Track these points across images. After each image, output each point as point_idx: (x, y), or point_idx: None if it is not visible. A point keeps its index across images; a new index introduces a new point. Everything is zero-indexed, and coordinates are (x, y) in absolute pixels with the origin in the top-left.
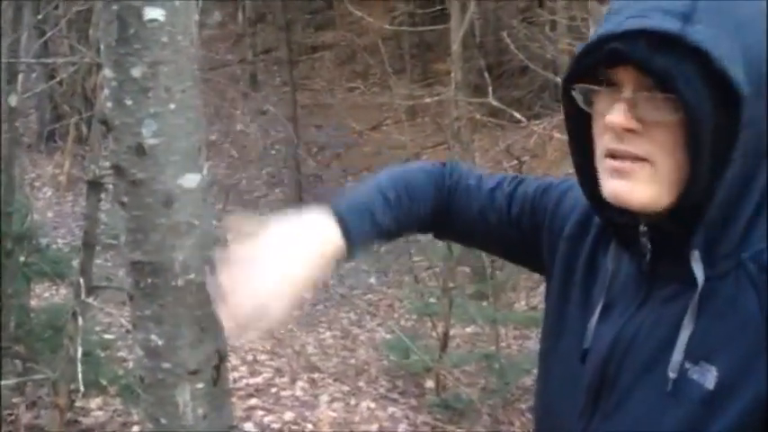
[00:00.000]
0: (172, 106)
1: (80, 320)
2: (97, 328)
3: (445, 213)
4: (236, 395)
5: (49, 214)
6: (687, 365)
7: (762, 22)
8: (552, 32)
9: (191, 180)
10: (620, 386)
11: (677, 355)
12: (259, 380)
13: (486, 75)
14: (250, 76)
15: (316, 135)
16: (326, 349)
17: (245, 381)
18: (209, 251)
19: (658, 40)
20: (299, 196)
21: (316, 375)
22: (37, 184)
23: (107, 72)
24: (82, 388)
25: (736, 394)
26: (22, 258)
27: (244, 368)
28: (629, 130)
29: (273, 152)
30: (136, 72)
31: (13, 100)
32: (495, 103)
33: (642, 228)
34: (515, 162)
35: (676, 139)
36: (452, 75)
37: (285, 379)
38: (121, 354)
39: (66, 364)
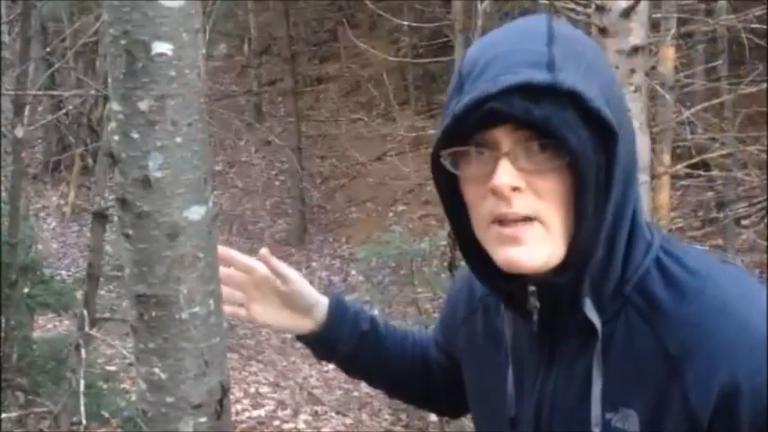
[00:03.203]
0: (178, 139)
1: (83, 352)
2: (100, 360)
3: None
4: (238, 428)
5: (54, 245)
6: (608, 416)
7: (602, 62)
8: None
9: (196, 212)
10: None
11: (595, 409)
12: (262, 413)
13: None
14: (255, 106)
15: (320, 166)
16: (329, 381)
17: (247, 414)
18: (214, 284)
19: (533, 92)
20: (304, 227)
21: (318, 408)
22: (42, 214)
23: (114, 105)
24: (84, 420)
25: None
26: (25, 289)
27: (246, 401)
28: (516, 189)
29: (278, 183)
30: (143, 105)
31: (19, 131)
32: None
33: (531, 288)
34: None
35: (561, 188)
36: None
37: (288, 412)
38: (124, 386)
39: (68, 397)
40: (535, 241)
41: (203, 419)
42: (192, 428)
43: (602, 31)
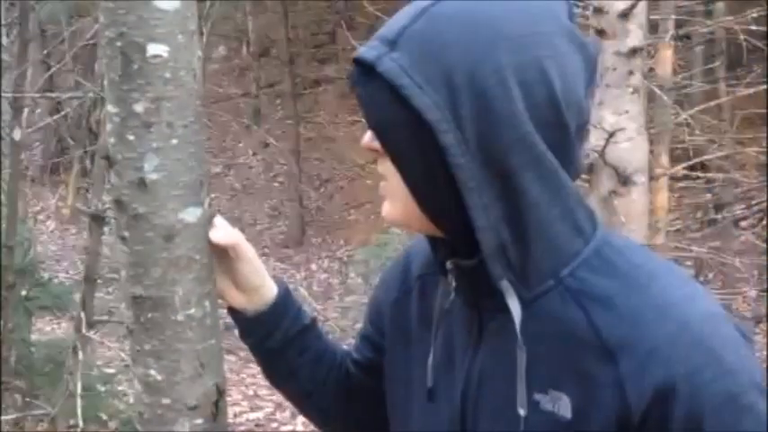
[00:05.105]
0: (174, 141)
1: (80, 355)
2: (98, 362)
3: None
4: (236, 430)
5: (52, 247)
6: (537, 396)
7: (467, 43)
8: None
9: (192, 214)
10: None
11: (521, 389)
12: (260, 415)
13: None
14: (253, 109)
15: (318, 168)
16: None
17: (245, 416)
18: (210, 286)
19: (362, 69)
20: (302, 229)
21: None
22: (40, 217)
23: (110, 107)
24: (81, 423)
25: (592, 419)
26: (23, 292)
27: (245, 403)
28: (374, 150)
29: (276, 185)
30: (138, 107)
31: (17, 134)
32: None
33: (448, 264)
34: None
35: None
36: None
37: (286, 414)
38: (122, 388)
39: (65, 399)
40: (387, 196)
41: (199, 421)
42: (187, 430)
43: (600, 32)
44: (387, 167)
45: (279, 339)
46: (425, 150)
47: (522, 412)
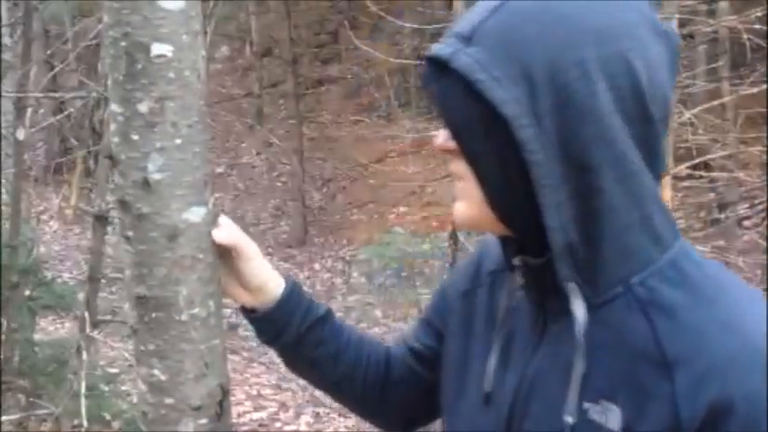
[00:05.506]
0: (178, 141)
1: (84, 354)
2: (101, 362)
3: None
4: (240, 430)
5: (56, 247)
6: (586, 405)
7: (548, 36)
8: None
9: (196, 214)
10: None
11: (572, 396)
12: (263, 415)
13: None
14: (256, 109)
15: (321, 168)
16: None
17: (249, 416)
18: (214, 286)
19: (436, 66)
20: (305, 229)
21: (320, 410)
22: (44, 217)
23: (114, 107)
24: (85, 423)
25: None
26: (27, 292)
27: (248, 403)
28: (448, 150)
29: (279, 185)
30: (142, 107)
31: (20, 134)
32: None
33: (515, 262)
34: None
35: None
36: None
37: (290, 414)
38: (125, 388)
39: (69, 399)
40: (461, 197)
41: (203, 421)
42: (192, 430)
43: None
44: (460, 167)
45: (292, 334)
46: (500, 147)
47: (569, 420)
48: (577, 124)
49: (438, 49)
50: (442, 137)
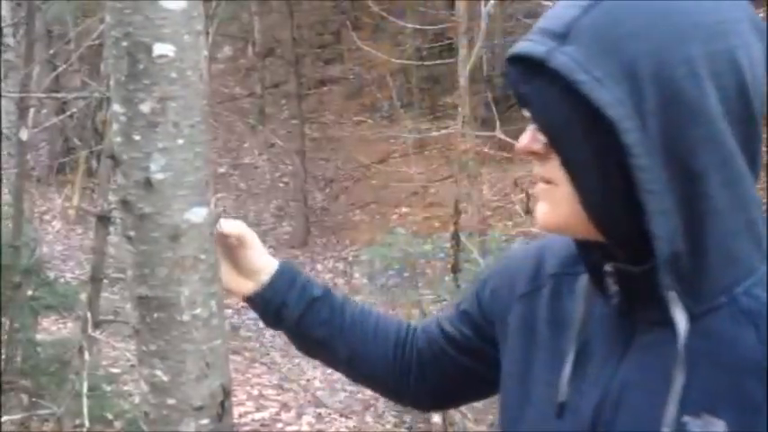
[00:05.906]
0: (180, 141)
1: (86, 355)
2: (104, 362)
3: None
4: (242, 430)
5: (58, 247)
6: (686, 419)
7: (652, 33)
8: None
9: (198, 214)
10: None
11: (672, 408)
12: (265, 415)
13: (494, 108)
14: (259, 109)
15: (323, 168)
16: (333, 384)
17: (251, 416)
18: (215, 286)
19: (527, 65)
20: (307, 229)
21: (322, 410)
22: (46, 217)
23: (116, 107)
24: (87, 423)
25: None
26: (29, 292)
27: (250, 403)
28: (534, 153)
29: (281, 185)
30: (145, 107)
31: (23, 134)
32: (502, 136)
33: (607, 268)
34: (523, 195)
35: (557, 163)
36: (460, 108)
37: (291, 414)
38: (127, 388)
39: (71, 399)
40: (550, 201)
41: (205, 421)
42: (193, 430)
43: None
44: (550, 170)
45: (292, 316)
46: (601, 151)
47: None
48: (685, 126)
49: (529, 47)
50: (527, 139)
